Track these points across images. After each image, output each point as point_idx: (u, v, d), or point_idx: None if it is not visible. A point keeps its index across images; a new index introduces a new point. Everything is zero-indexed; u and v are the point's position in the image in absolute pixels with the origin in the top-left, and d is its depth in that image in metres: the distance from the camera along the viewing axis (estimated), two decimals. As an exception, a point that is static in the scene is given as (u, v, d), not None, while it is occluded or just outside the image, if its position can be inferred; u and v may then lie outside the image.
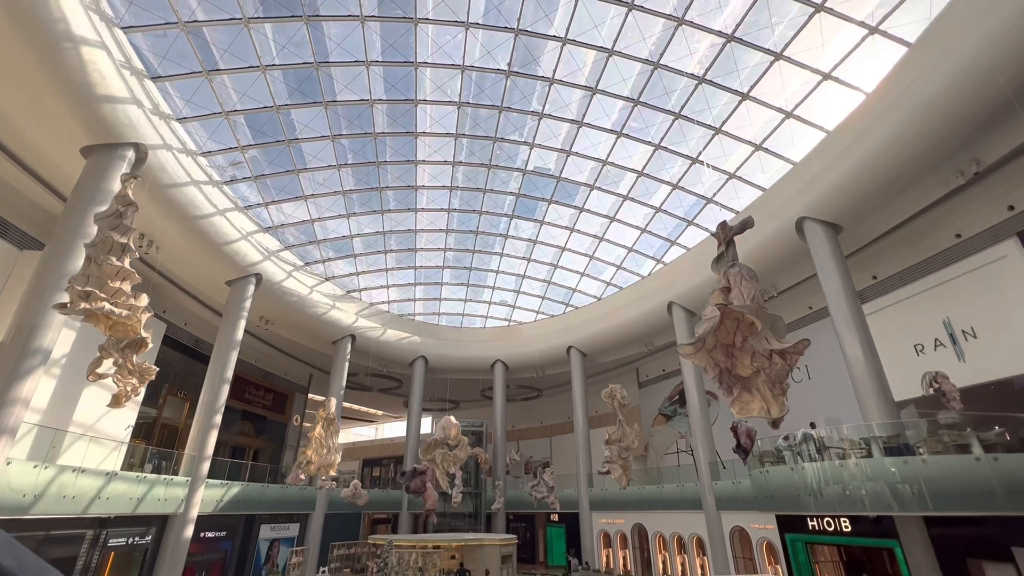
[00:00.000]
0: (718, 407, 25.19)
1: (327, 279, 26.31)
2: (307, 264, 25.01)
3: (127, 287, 7.04)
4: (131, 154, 13.82)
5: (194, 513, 17.11)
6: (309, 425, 38.00)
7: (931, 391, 10.16)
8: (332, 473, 13.84)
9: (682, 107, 18.18)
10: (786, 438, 13.52)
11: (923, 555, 12.03)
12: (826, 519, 14.95)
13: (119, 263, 6.82)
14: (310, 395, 33.60)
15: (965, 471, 10.02)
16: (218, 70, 15.48)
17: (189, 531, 16.82)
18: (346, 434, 48.84)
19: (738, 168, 19.61)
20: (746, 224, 6.48)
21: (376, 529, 32.26)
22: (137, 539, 15.90)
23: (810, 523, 15.56)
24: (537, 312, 32.38)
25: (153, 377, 8.55)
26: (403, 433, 45.04)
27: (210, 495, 18.20)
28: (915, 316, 16.75)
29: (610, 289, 28.76)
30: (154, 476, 15.83)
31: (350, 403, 37.46)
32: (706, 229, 22.56)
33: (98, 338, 17.11)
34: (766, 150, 18.37)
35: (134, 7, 13.11)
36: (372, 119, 18.99)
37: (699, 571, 20.38)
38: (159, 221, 17.07)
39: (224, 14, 14.17)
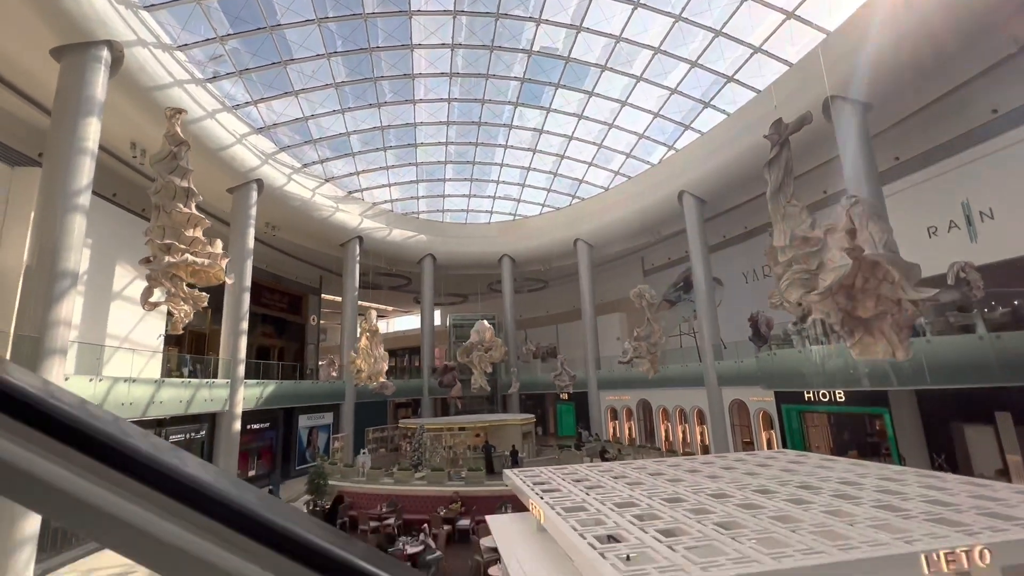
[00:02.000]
0: (722, 292, 26.09)
1: (327, 180, 25.49)
2: (305, 166, 24.06)
3: (199, 233, 6.86)
4: (105, 53, 12.54)
5: (238, 410, 18.55)
6: (327, 324, 39.62)
7: (957, 280, 10.45)
8: (382, 380, 14.77)
9: (709, -32, 16.12)
10: (795, 323, 14.22)
11: (909, 420, 13.36)
12: (821, 392, 16.32)
13: (187, 209, 6.58)
14: (323, 296, 34.47)
15: (967, 349, 10.72)
16: (180, -57, 13.42)
17: (237, 425, 18.39)
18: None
19: (765, 41, 17.97)
20: (804, 120, 6.12)
21: (399, 414, 35.22)
22: (193, 434, 17.48)
23: (806, 395, 17.01)
24: (543, 205, 31.92)
25: (205, 304, 8.66)
26: (413, 326, 47.25)
27: (250, 393, 19.59)
28: (933, 198, 16.61)
29: (618, 179, 28.03)
30: (197, 380, 16.88)
31: (362, 301, 38.63)
32: (723, 111, 21.37)
33: (112, 252, 17.13)
34: (799, 18, 16.68)
35: None
36: (360, -3, 16.92)
37: (698, 437, 22.74)
38: (146, 127, 16.05)
39: None
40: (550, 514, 4.94)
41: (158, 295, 7.83)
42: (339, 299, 31.76)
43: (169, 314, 8.10)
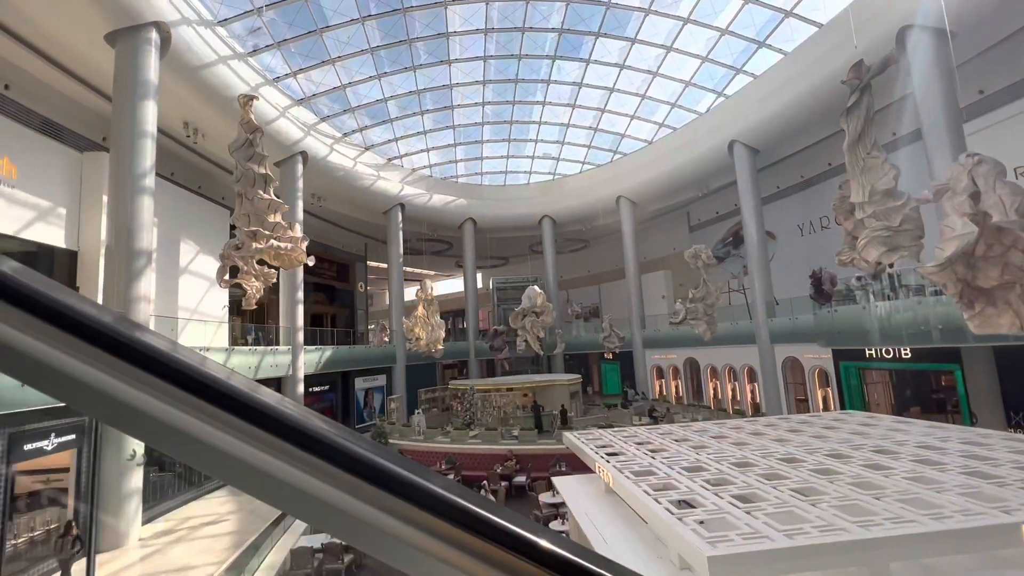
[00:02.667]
0: (775, 246, 24.98)
1: (367, 148, 25.64)
2: (345, 135, 24.23)
3: (279, 218, 7.15)
4: (154, 35, 12.81)
5: (300, 374, 19.71)
6: (373, 290, 40.87)
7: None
8: (440, 347, 15.27)
9: None
10: (859, 278, 13.51)
11: (985, 377, 12.65)
12: (884, 348, 15.62)
13: (267, 196, 6.84)
14: (368, 263, 35.40)
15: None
16: (213, -87, 13.26)
17: (300, 388, 19.59)
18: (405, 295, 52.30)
19: (830, -33, 16.27)
20: (888, 60, 5.57)
21: (446, 375, 36.40)
22: (262, 397, 18.75)
23: (867, 352, 16.34)
24: (583, 163, 31.06)
25: (275, 280, 9.16)
26: (455, 290, 48.08)
27: (310, 358, 20.71)
28: (1021, 135, 15.02)
29: (662, 131, 26.78)
30: (263, 348, 17.99)
31: (406, 267, 39.44)
32: (780, 51, 19.77)
33: (175, 229, 18.07)
34: (870, -62, 14.94)
35: None
36: (391, -46, 16.38)
37: (748, 396, 22.44)
38: (197, 106, 16.53)
39: None
40: (620, 478, 5.07)
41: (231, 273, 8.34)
42: (383, 265, 32.56)
43: (236, 272, 8.56)
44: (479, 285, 37.75)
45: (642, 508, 4.39)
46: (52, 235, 13.47)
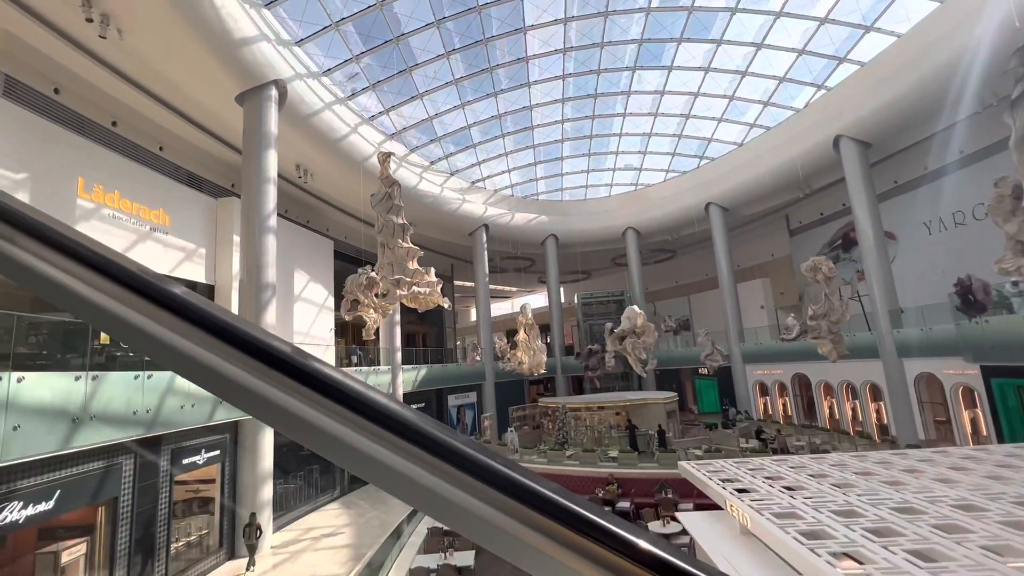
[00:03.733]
0: (896, 248, 22.38)
1: (452, 174, 26.75)
2: (432, 163, 25.47)
3: (415, 264, 7.81)
4: (274, 92, 14.40)
5: (400, 392, 20.75)
6: (458, 308, 42.21)
7: None
8: (542, 371, 15.44)
9: None
10: (1015, 283, 11.66)
11: None
12: (1054, 363, 13.26)
13: (406, 244, 7.50)
14: (455, 282, 36.70)
15: None
16: (319, -23, 14.72)
17: (400, 406, 20.56)
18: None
19: (952, -65, 14.54)
20: (1065, 45, 4.75)
21: (532, 391, 36.44)
22: (367, 415, 19.98)
23: (1029, 368, 13.97)
24: (667, 171, 30.06)
25: (391, 312, 9.88)
26: (537, 304, 48.35)
27: (408, 377, 21.77)
28: None
29: (754, 132, 25.23)
30: (367, 368, 19.19)
31: (492, 285, 40.42)
32: (891, 33, 17.91)
33: (290, 260, 19.86)
34: None
35: (233, -71, 12.53)
36: (474, -10, 17.15)
37: (872, 416, 20.07)
38: (306, 149, 18.25)
39: (313, -92, 12.98)
40: (761, 521, 4.70)
41: (352, 304, 9.11)
42: (469, 284, 33.54)
43: (357, 306, 9.28)
44: (562, 299, 37.66)
45: (796, 559, 4.02)
46: (195, 272, 15.45)
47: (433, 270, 8.47)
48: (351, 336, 27.14)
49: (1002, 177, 7.22)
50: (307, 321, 20.61)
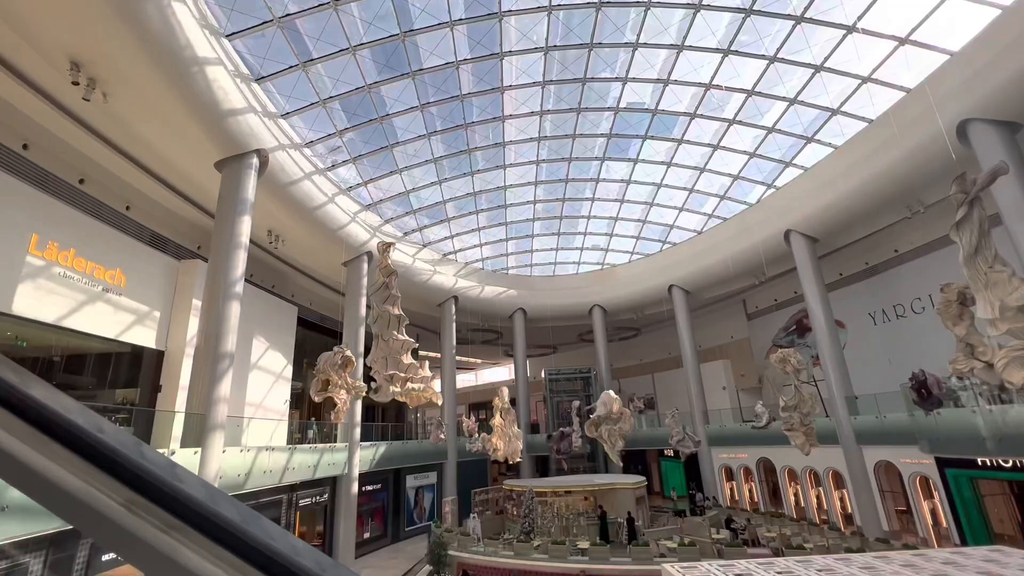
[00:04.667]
0: (846, 335, 23.64)
1: (425, 246, 27.02)
2: (405, 235, 25.72)
3: (409, 357, 7.55)
4: (255, 160, 14.47)
5: (356, 472, 19.29)
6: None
7: None
8: (519, 459, 14.82)
9: (805, 8, 15.67)
10: (960, 378, 12.35)
11: None
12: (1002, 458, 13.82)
13: (401, 336, 7.29)
14: (420, 353, 35.82)
15: None
16: (312, 60, 15.43)
17: (355, 488, 19.07)
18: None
19: (875, 69, 16.91)
20: (997, 171, 5.41)
21: (494, 470, 34.75)
22: (317, 498, 18.33)
23: (979, 460, 14.50)
24: (631, 253, 31.41)
25: (364, 393, 9.39)
26: (501, 377, 47.50)
27: (365, 455, 20.38)
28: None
29: (712, 221, 27.03)
30: (322, 446, 17.88)
31: (458, 356, 39.63)
32: (829, 144, 20.13)
33: (250, 326, 18.93)
34: (914, 43, 15.57)
35: (233, 12, 13.16)
36: (458, 81, 18.33)
37: (836, 504, 20.05)
38: (281, 216, 18.12)
39: (313, 1, 13.87)
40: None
41: (322, 385, 8.60)
42: (434, 355, 32.81)
43: (328, 386, 8.71)
44: (527, 373, 37.21)
45: None
46: (145, 336, 14.45)
47: (427, 363, 8.21)
48: (308, 409, 25.53)
49: (947, 284, 7.82)
50: (262, 391, 19.37)
